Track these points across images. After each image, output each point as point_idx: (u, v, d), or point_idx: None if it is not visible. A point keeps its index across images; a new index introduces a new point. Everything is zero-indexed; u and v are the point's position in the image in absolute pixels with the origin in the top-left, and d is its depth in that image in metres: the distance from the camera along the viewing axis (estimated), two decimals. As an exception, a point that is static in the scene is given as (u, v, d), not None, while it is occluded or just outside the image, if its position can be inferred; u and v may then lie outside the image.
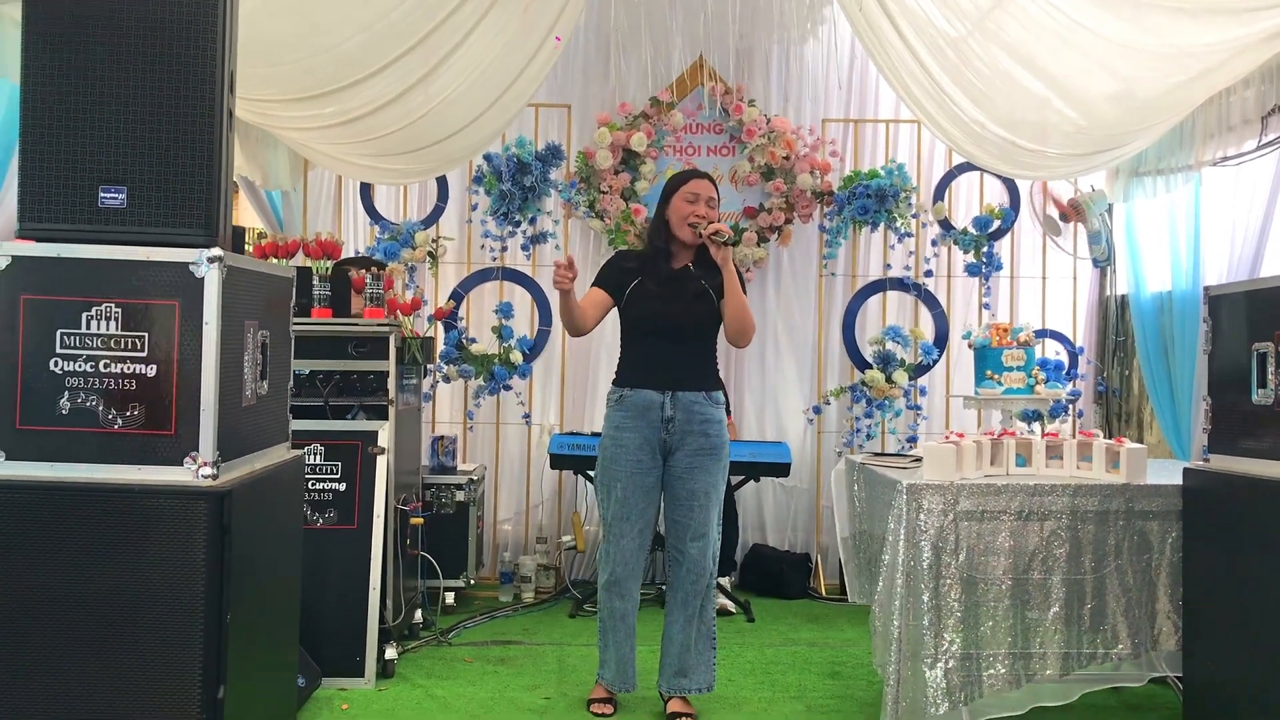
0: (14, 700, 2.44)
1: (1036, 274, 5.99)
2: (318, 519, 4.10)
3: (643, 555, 3.72)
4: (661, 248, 3.73)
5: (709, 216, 3.66)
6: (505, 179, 5.67)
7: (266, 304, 2.87)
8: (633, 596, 3.73)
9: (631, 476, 3.63)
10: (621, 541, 3.66)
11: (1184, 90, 4.49)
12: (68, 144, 2.54)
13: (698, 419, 3.65)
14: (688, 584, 3.69)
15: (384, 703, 3.79)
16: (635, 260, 3.79)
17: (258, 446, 2.82)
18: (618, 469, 3.64)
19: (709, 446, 3.65)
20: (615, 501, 3.66)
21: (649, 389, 3.65)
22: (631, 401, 3.66)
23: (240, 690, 2.62)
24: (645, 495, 3.65)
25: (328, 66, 4.12)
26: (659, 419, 3.62)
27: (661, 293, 3.67)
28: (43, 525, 2.46)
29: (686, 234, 3.66)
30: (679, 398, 3.64)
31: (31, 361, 2.49)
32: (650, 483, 3.66)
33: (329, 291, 4.34)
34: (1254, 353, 3.09)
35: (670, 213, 3.71)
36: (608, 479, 3.69)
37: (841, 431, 5.91)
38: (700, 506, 3.66)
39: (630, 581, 3.70)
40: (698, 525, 3.66)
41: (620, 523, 3.66)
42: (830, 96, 6.01)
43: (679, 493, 3.68)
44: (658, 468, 3.66)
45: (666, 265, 3.72)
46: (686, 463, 3.65)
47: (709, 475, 3.65)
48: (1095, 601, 3.45)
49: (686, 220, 3.66)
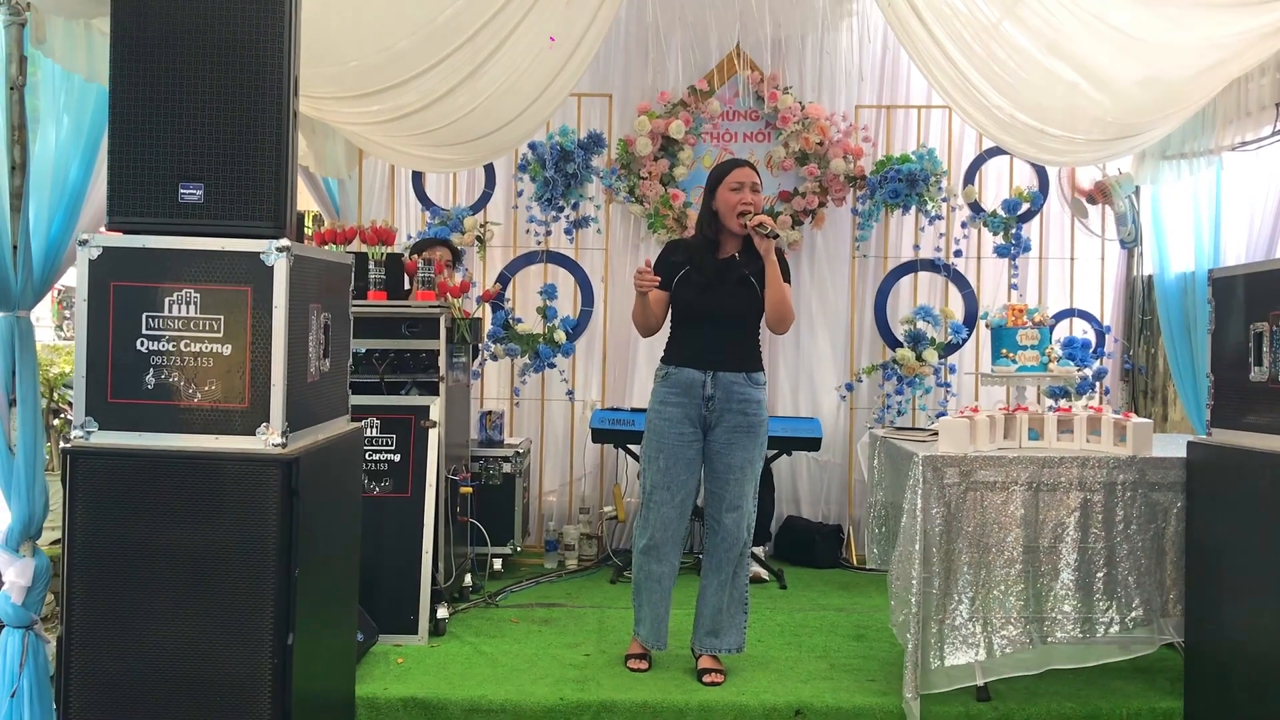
0: (109, 643, 2.71)
1: (1065, 255, 6.14)
2: (374, 487, 4.39)
3: (682, 523, 3.96)
4: (711, 238, 3.96)
5: (755, 203, 3.87)
6: (549, 166, 5.92)
7: (328, 288, 3.12)
8: (670, 561, 3.97)
9: (674, 449, 3.88)
10: (662, 509, 3.91)
11: (1206, 76, 4.62)
12: (150, 144, 2.76)
13: (737, 398, 3.88)
14: (722, 551, 3.93)
15: (436, 658, 4.07)
16: (684, 252, 4.02)
17: (321, 419, 3.08)
18: (662, 441, 3.89)
19: (746, 425, 3.88)
20: (658, 471, 3.91)
21: (692, 368, 3.89)
22: (676, 379, 3.90)
23: (307, 638, 2.88)
24: (686, 467, 3.90)
25: (382, 66, 4.37)
26: (700, 396, 3.87)
27: (707, 281, 3.90)
28: (132, 488, 2.72)
29: (736, 224, 3.88)
30: (720, 378, 3.88)
31: (121, 342, 2.74)
32: (691, 455, 3.90)
33: (384, 275, 4.62)
34: (1251, 332, 3.26)
35: (718, 204, 3.93)
36: (651, 450, 3.94)
37: (873, 408, 6.10)
38: (736, 480, 3.89)
39: (668, 546, 3.94)
40: (733, 497, 3.90)
41: (661, 490, 3.90)
42: (863, 83, 6.18)
43: (717, 466, 3.92)
44: (699, 441, 3.90)
45: (713, 256, 3.95)
46: (725, 439, 3.89)
47: (745, 451, 3.89)
48: (1106, 570, 3.64)
49: (735, 210, 3.87)
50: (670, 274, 3.96)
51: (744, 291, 3.91)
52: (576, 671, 3.96)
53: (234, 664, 2.74)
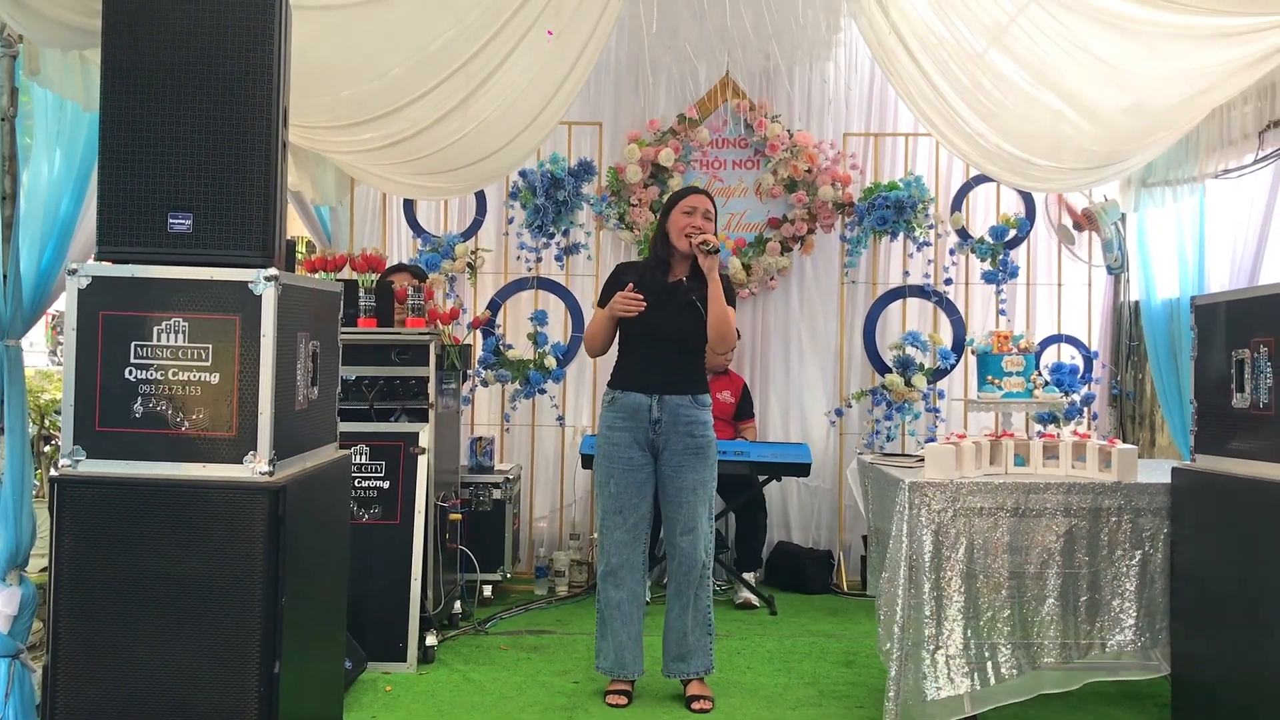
0: (95, 670, 2.71)
1: (1052, 281, 6.18)
2: (363, 514, 4.39)
3: (637, 547, 3.96)
4: (662, 259, 4.00)
5: (704, 228, 3.91)
6: (540, 193, 5.96)
7: (317, 316, 3.13)
8: (628, 586, 3.96)
9: (625, 473, 3.90)
10: (615, 534, 3.93)
11: (1189, 105, 4.67)
12: (140, 175, 2.78)
13: (683, 420, 3.90)
14: (680, 575, 3.94)
15: (424, 685, 4.07)
16: (634, 273, 4.04)
17: (309, 446, 3.09)
18: (611, 465, 3.91)
19: (695, 447, 3.91)
20: (609, 496, 3.93)
21: (638, 392, 3.92)
22: (622, 403, 3.93)
23: (294, 667, 2.88)
24: (638, 491, 3.91)
25: (374, 95, 4.41)
26: (647, 420, 3.89)
27: (654, 303, 3.92)
28: (119, 516, 2.71)
29: (683, 244, 3.92)
30: (666, 401, 3.90)
31: (109, 370, 2.74)
32: (642, 479, 3.92)
33: (374, 302, 4.64)
34: (1234, 358, 3.29)
35: (669, 225, 3.98)
36: (602, 475, 3.96)
37: (862, 433, 6.13)
38: (689, 503, 3.91)
39: (625, 571, 3.95)
40: (686, 520, 3.91)
41: (613, 515, 3.92)
42: (851, 111, 6.24)
43: (669, 490, 3.93)
44: (649, 464, 3.92)
45: (662, 278, 3.98)
46: (674, 461, 3.91)
47: (696, 473, 3.91)
48: (1090, 595, 3.65)
49: (683, 232, 3.91)
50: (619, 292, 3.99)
51: (688, 314, 3.94)
52: (565, 699, 3.96)
53: (221, 692, 2.73)
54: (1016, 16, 4.35)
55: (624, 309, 3.87)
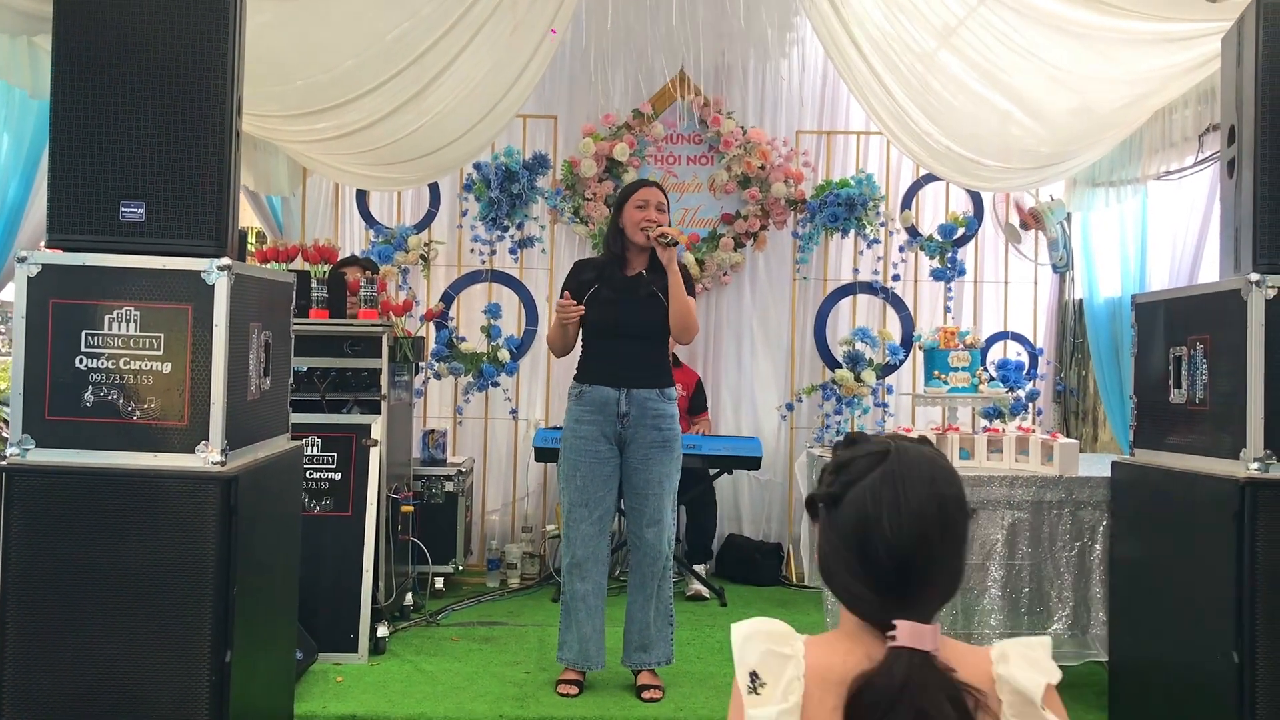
0: (44, 660, 2.70)
1: (999, 279, 6.29)
2: (315, 506, 4.39)
3: (602, 539, 4.00)
4: (618, 254, 4.03)
5: (659, 220, 3.95)
6: (494, 186, 5.97)
7: (269, 307, 3.13)
8: (593, 578, 3.99)
9: (591, 466, 3.92)
10: (581, 526, 3.95)
11: (1133, 107, 4.79)
12: (92, 162, 2.77)
13: (651, 414, 3.94)
14: (645, 567, 3.98)
15: (375, 676, 4.08)
16: (593, 270, 4.08)
17: (261, 437, 3.09)
18: (577, 459, 3.94)
19: (662, 439, 3.94)
20: (575, 489, 3.95)
21: (605, 385, 3.95)
22: (590, 397, 3.96)
23: (245, 657, 2.88)
24: (603, 484, 3.94)
25: (328, 85, 4.40)
26: (615, 413, 3.92)
27: (615, 298, 3.97)
28: (69, 506, 2.70)
29: (639, 238, 3.96)
30: (634, 394, 3.94)
31: (59, 359, 2.73)
32: (608, 472, 3.95)
33: (326, 293, 4.63)
34: (1171, 355, 3.38)
35: (624, 220, 4.01)
36: (568, 468, 3.98)
37: (812, 427, 6.20)
38: (655, 495, 3.94)
39: (591, 564, 3.97)
40: (652, 512, 3.95)
41: (579, 508, 3.95)
42: (804, 109, 6.30)
43: (635, 483, 3.97)
44: (615, 458, 3.95)
45: (621, 272, 4.02)
46: (641, 455, 3.94)
47: (662, 466, 3.94)
48: (1032, 585, 3.75)
49: (639, 225, 3.95)
50: (581, 292, 4.03)
51: (652, 306, 3.98)
52: (516, 689, 3.99)
53: (172, 681, 2.72)
54: (966, 18, 4.43)
55: (565, 318, 3.92)
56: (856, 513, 1.41)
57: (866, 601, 1.41)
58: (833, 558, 1.44)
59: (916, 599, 1.39)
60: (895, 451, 1.44)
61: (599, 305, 3.99)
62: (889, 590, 1.39)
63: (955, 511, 1.43)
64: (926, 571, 1.39)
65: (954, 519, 1.43)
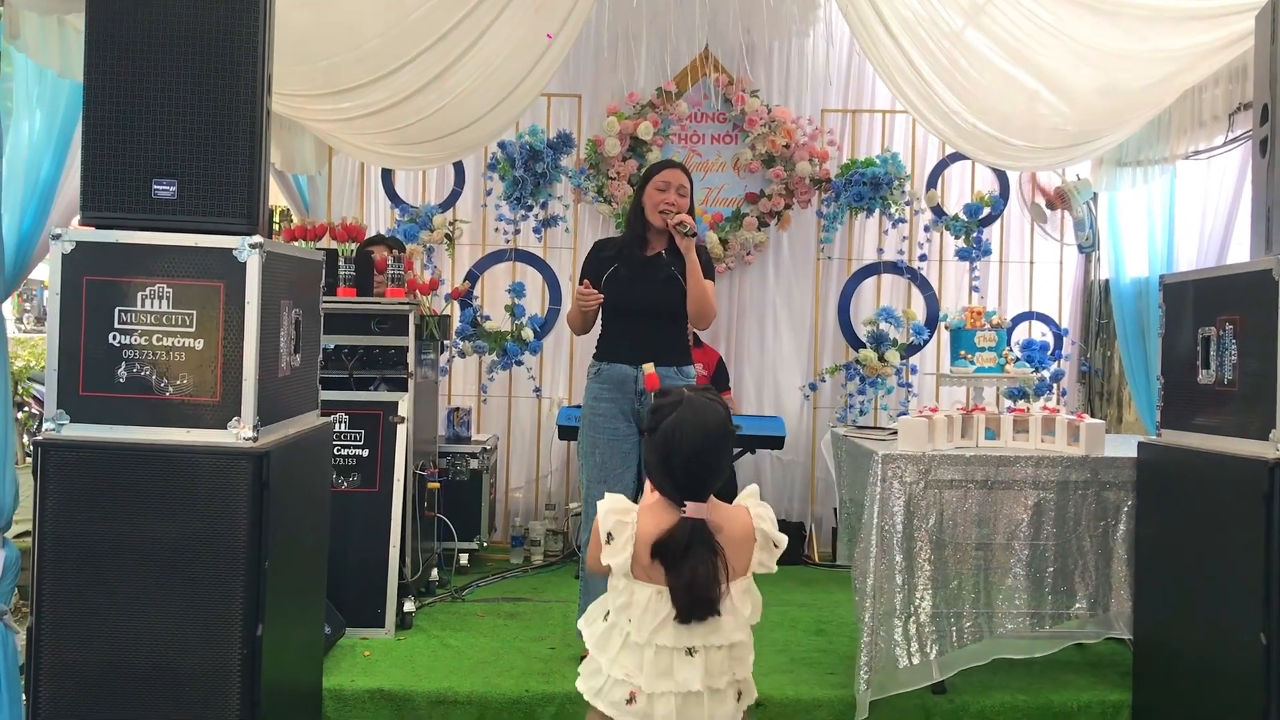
0: (78, 632, 2.74)
1: (1024, 259, 6.26)
2: (342, 482, 4.42)
3: None
4: (639, 234, 4.04)
5: (678, 204, 3.95)
6: (518, 165, 5.97)
7: (299, 285, 3.15)
8: None
9: (610, 444, 3.95)
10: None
11: (1161, 86, 4.74)
12: (124, 140, 2.78)
13: None
14: None
15: (402, 650, 4.12)
16: (613, 248, 4.10)
17: (291, 413, 3.11)
18: (597, 436, 3.96)
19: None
20: (595, 466, 3.97)
21: (623, 364, 3.97)
22: (608, 375, 3.98)
23: (276, 630, 2.91)
24: (622, 461, 3.96)
25: (353, 64, 4.41)
26: (633, 391, 3.94)
27: (635, 277, 3.99)
28: (103, 481, 2.73)
29: (657, 220, 3.97)
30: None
31: (93, 335, 2.76)
32: (627, 449, 3.96)
33: (353, 272, 4.65)
34: (1200, 336, 3.37)
35: (644, 200, 4.02)
36: (587, 445, 4.00)
37: (835, 407, 6.20)
38: None
39: None
40: None
41: (598, 485, 3.95)
42: (829, 88, 6.28)
43: None
44: (633, 435, 3.97)
45: (640, 252, 4.03)
46: None
47: None
48: (1057, 564, 3.75)
49: (658, 208, 3.95)
50: (600, 271, 4.05)
51: (671, 287, 3.99)
52: (542, 665, 4.02)
53: (203, 654, 2.76)
54: (994, -4, 4.40)
55: (585, 306, 3.94)
56: (663, 438, 2.37)
57: (669, 490, 2.38)
58: (652, 464, 2.43)
59: (698, 488, 2.36)
60: (685, 401, 2.40)
61: (618, 284, 4.00)
62: (682, 483, 2.36)
63: (720, 437, 2.39)
64: (703, 473, 2.37)
65: (720, 442, 2.39)
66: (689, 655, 2.31)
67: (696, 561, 2.28)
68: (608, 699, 2.37)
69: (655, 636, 2.32)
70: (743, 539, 2.39)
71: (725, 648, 2.35)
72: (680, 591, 2.29)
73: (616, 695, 2.35)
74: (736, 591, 2.37)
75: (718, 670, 2.34)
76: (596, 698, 2.39)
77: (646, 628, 2.33)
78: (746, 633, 2.40)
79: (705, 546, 2.30)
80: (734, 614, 2.36)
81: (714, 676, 2.34)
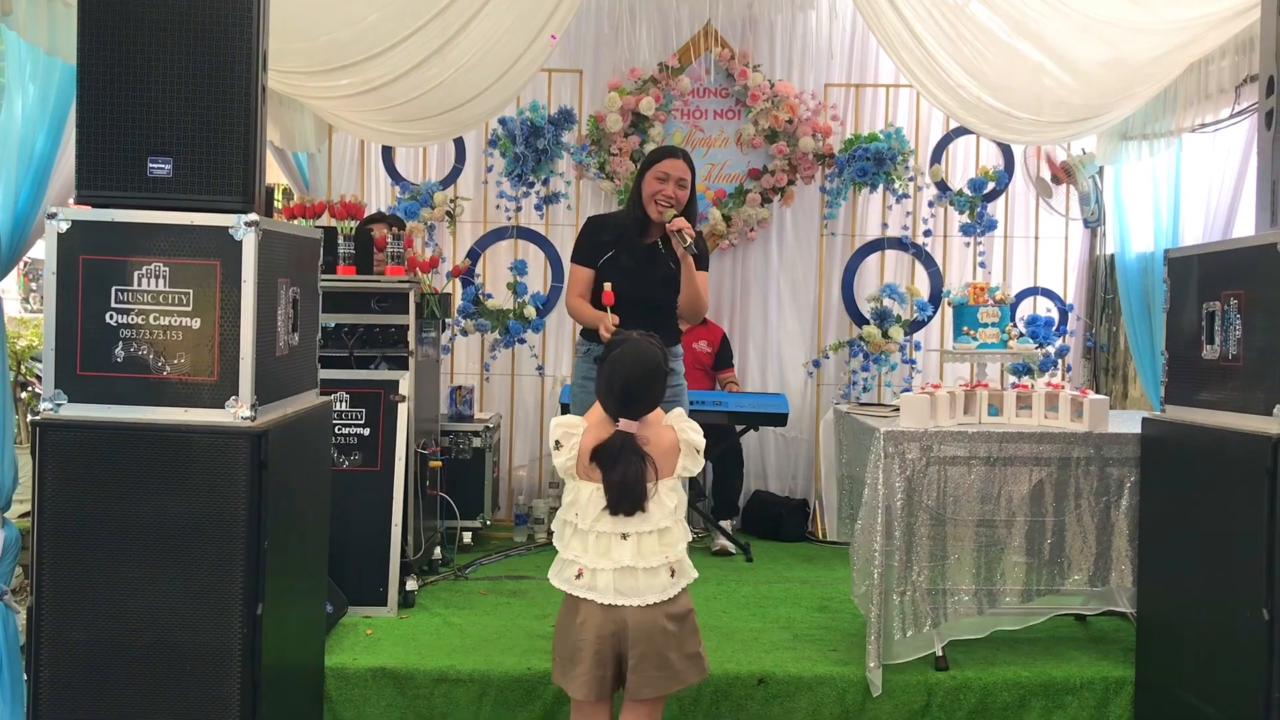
0: (78, 611, 2.75)
1: (1029, 234, 6.22)
2: (344, 461, 4.42)
3: None
4: (639, 216, 3.99)
5: (677, 197, 3.90)
6: (519, 142, 5.94)
7: (297, 263, 3.14)
8: None
9: None
10: None
11: (1167, 59, 4.70)
12: (119, 118, 2.77)
13: None
14: None
15: (405, 629, 4.12)
16: (611, 231, 4.04)
17: (290, 392, 3.11)
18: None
19: (669, 396, 3.93)
20: None
21: None
22: (597, 354, 3.95)
23: (276, 609, 2.92)
24: None
25: (352, 40, 4.37)
26: None
27: (633, 267, 3.95)
28: (101, 460, 2.74)
29: (654, 213, 3.92)
30: None
31: (90, 315, 2.76)
32: None
33: (353, 250, 4.63)
34: (1204, 311, 3.34)
35: (644, 187, 3.97)
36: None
37: (839, 384, 6.18)
38: None
39: None
40: None
41: None
42: (833, 62, 6.22)
43: None
44: None
45: (640, 239, 3.99)
46: None
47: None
48: (1055, 539, 3.74)
49: (653, 199, 3.91)
50: (597, 254, 4.00)
51: (668, 287, 3.96)
52: (544, 643, 4.01)
53: (204, 634, 2.77)
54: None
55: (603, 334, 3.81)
56: (609, 368, 2.90)
57: (611, 408, 2.88)
58: (599, 386, 2.96)
59: (632, 408, 2.86)
60: (630, 340, 2.94)
61: (617, 272, 3.95)
62: (620, 404, 2.86)
63: (654, 370, 2.90)
64: (637, 396, 2.87)
65: (653, 374, 2.89)
66: (623, 539, 2.83)
67: (626, 465, 2.80)
68: (561, 577, 2.91)
69: (596, 525, 2.84)
70: (669, 449, 2.88)
71: (655, 533, 2.84)
72: (613, 488, 2.80)
73: (568, 573, 2.88)
74: (664, 489, 2.86)
75: (649, 551, 2.83)
76: (557, 579, 2.92)
77: (588, 518, 2.85)
78: (673, 520, 2.87)
79: (634, 454, 2.81)
80: (660, 506, 2.85)
81: (646, 556, 2.82)
